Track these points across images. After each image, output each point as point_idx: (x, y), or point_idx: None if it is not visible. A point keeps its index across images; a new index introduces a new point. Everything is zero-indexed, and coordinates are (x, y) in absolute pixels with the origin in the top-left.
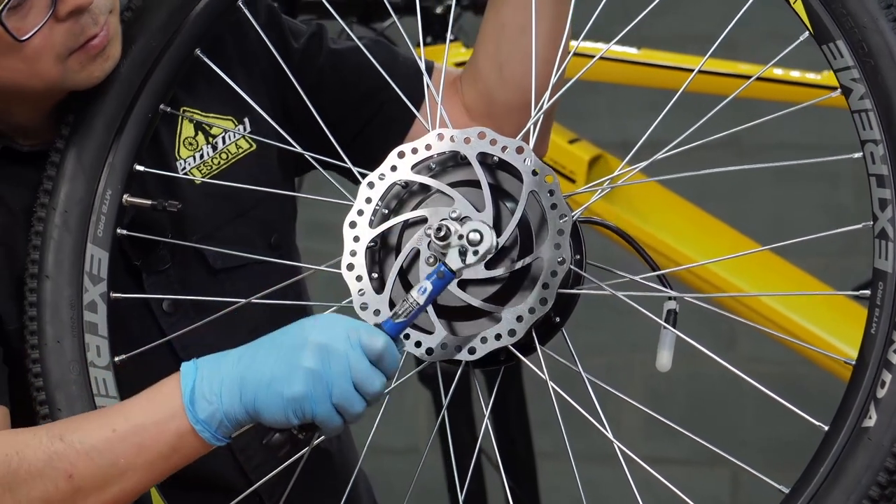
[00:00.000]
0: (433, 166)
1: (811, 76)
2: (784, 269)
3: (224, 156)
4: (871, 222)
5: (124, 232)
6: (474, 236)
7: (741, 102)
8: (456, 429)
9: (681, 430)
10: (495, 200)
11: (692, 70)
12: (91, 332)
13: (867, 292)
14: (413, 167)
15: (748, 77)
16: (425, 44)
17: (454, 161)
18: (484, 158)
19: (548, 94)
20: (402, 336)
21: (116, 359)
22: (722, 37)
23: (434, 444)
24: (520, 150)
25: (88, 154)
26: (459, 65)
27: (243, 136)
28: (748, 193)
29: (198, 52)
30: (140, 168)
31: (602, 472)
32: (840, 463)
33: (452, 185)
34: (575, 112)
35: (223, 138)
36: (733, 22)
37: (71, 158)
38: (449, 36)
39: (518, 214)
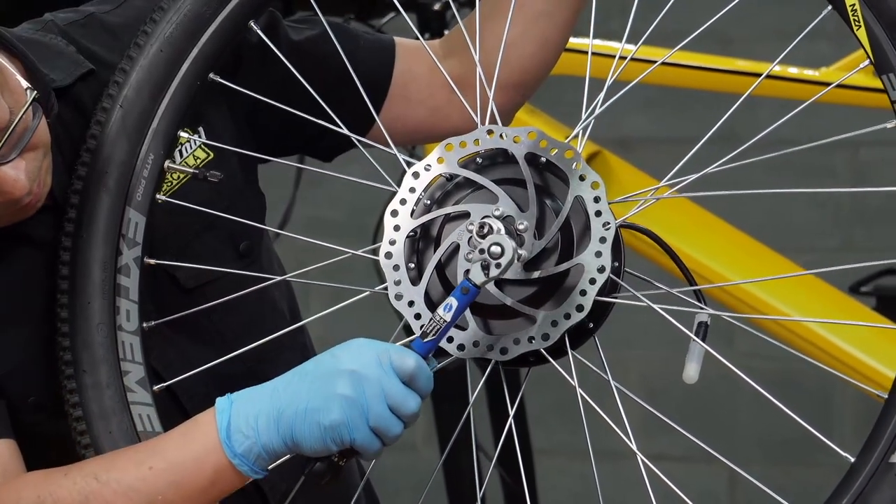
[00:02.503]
0: (480, 161)
1: (809, 73)
2: (819, 289)
3: (202, 167)
4: None
5: (162, 198)
6: (495, 249)
7: (738, 98)
8: (453, 426)
9: (678, 428)
10: (540, 201)
11: (690, 67)
12: (122, 295)
13: None
14: (459, 161)
15: (747, 73)
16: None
17: (502, 158)
18: (532, 158)
19: (600, 97)
20: (431, 355)
21: (145, 324)
22: (699, 30)
23: (431, 440)
24: (569, 154)
25: (133, 116)
26: None
27: (200, 146)
28: (743, 188)
29: (252, 23)
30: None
31: (599, 469)
32: (864, 496)
33: (498, 182)
34: (569, 107)
35: (180, 151)
36: (717, 16)
37: (116, 119)
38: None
39: (562, 218)
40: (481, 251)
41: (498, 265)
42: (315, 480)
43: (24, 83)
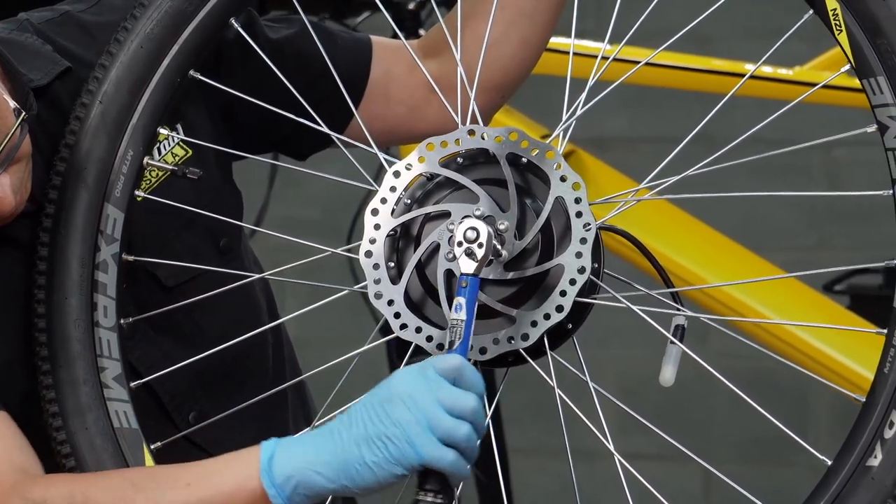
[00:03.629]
0: (461, 161)
1: (784, 72)
2: (795, 289)
3: (181, 164)
4: (895, 261)
5: (142, 194)
6: (471, 234)
7: (712, 97)
8: None
9: (654, 428)
10: (520, 202)
11: (667, 66)
12: (100, 291)
13: (884, 331)
14: (440, 160)
15: (724, 73)
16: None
17: (483, 158)
18: (514, 159)
19: (581, 98)
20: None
21: (123, 321)
22: (684, 31)
23: None
24: (550, 154)
25: (113, 112)
26: None
27: (178, 144)
28: (720, 189)
29: (233, 20)
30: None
31: (575, 468)
32: (841, 499)
33: (479, 182)
34: (547, 107)
35: (158, 149)
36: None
37: (95, 115)
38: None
39: (542, 219)
40: (459, 243)
41: (480, 245)
42: None
43: (12, 103)
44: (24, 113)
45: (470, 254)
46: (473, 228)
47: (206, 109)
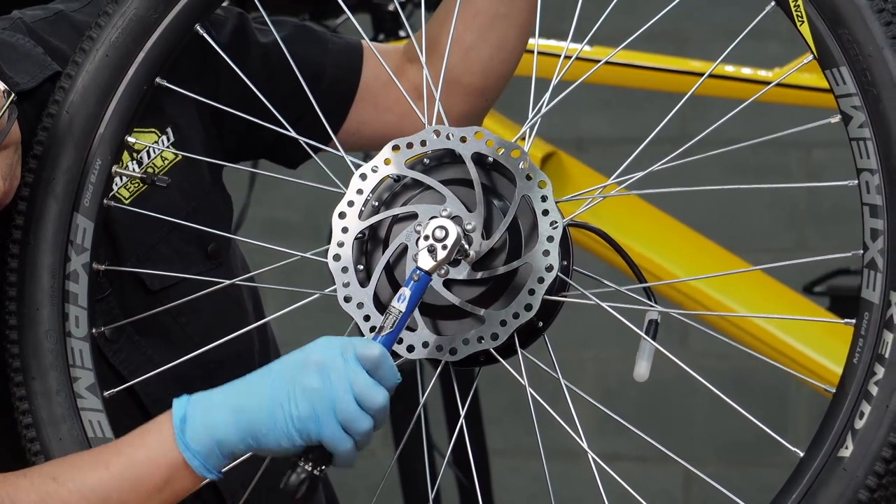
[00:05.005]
0: (427, 161)
1: (763, 73)
2: (771, 286)
3: (150, 171)
4: (861, 251)
5: (111, 203)
6: (439, 233)
7: (692, 98)
8: (406, 426)
9: (633, 428)
10: (487, 201)
11: (645, 67)
12: (71, 301)
13: (852, 321)
14: (407, 162)
15: (701, 74)
16: (377, 41)
17: (449, 158)
18: (479, 158)
19: (547, 95)
20: (394, 350)
21: (94, 330)
22: (644, 27)
23: (387, 442)
24: (515, 153)
25: (80, 122)
26: None
27: (167, 148)
28: (695, 186)
29: (198, 27)
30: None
31: (553, 468)
32: (813, 490)
33: (445, 182)
34: (522, 108)
35: (147, 153)
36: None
37: (62, 125)
38: (402, 33)
39: (509, 217)
40: (426, 237)
41: (444, 247)
42: (292, 494)
43: (2, 85)
44: (12, 95)
45: (432, 251)
46: (443, 228)
47: (196, 113)
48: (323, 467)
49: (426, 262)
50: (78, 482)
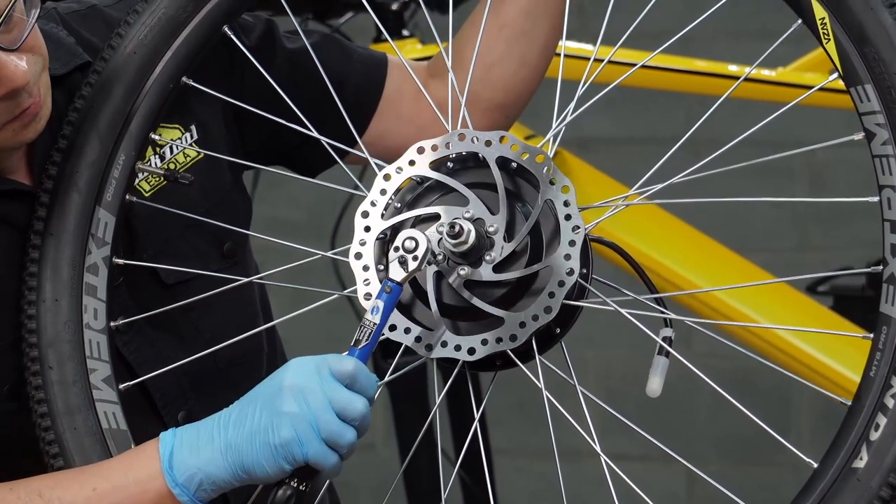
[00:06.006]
0: (451, 164)
1: (767, 73)
2: (780, 290)
3: (172, 167)
4: (881, 267)
5: (133, 198)
6: (409, 244)
7: (694, 98)
8: (412, 425)
9: (637, 428)
10: (510, 205)
11: (650, 67)
12: (90, 294)
13: (871, 336)
14: (431, 164)
15: (706, 74)
16: (378, 41)
17: (473, 161)
18: (504, 163)
19: (572, 105)
20: (411, 347)
21: (112, 323)
22: (681, 33)
23: (390, 440)
24: (540, 158)
25: (106, 117)
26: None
27: (190, 145)
28: (704, 190)
29: (226, 28)
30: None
31: (555, 468)
32: (826, 501)
33: (468, 185)
34: (530, 108)
35: (170, 148)
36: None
37: (88, 120)
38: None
39: (532, 221)
40: (396, 248)
41: (415, 258)
42: None
43: None
44: None
45: (403, 262)
46: (412, 239)
47: (220, 112)
48: (307, 483)
49: (397, 273)
50: (65, 501)
